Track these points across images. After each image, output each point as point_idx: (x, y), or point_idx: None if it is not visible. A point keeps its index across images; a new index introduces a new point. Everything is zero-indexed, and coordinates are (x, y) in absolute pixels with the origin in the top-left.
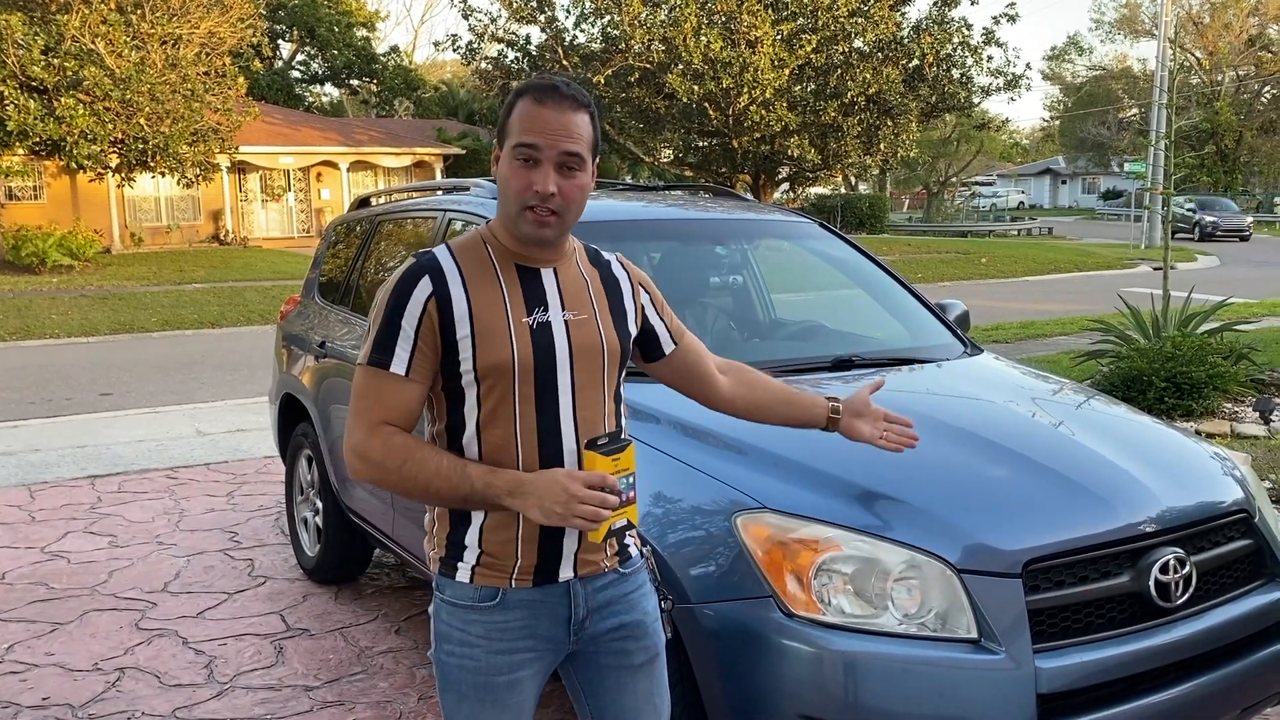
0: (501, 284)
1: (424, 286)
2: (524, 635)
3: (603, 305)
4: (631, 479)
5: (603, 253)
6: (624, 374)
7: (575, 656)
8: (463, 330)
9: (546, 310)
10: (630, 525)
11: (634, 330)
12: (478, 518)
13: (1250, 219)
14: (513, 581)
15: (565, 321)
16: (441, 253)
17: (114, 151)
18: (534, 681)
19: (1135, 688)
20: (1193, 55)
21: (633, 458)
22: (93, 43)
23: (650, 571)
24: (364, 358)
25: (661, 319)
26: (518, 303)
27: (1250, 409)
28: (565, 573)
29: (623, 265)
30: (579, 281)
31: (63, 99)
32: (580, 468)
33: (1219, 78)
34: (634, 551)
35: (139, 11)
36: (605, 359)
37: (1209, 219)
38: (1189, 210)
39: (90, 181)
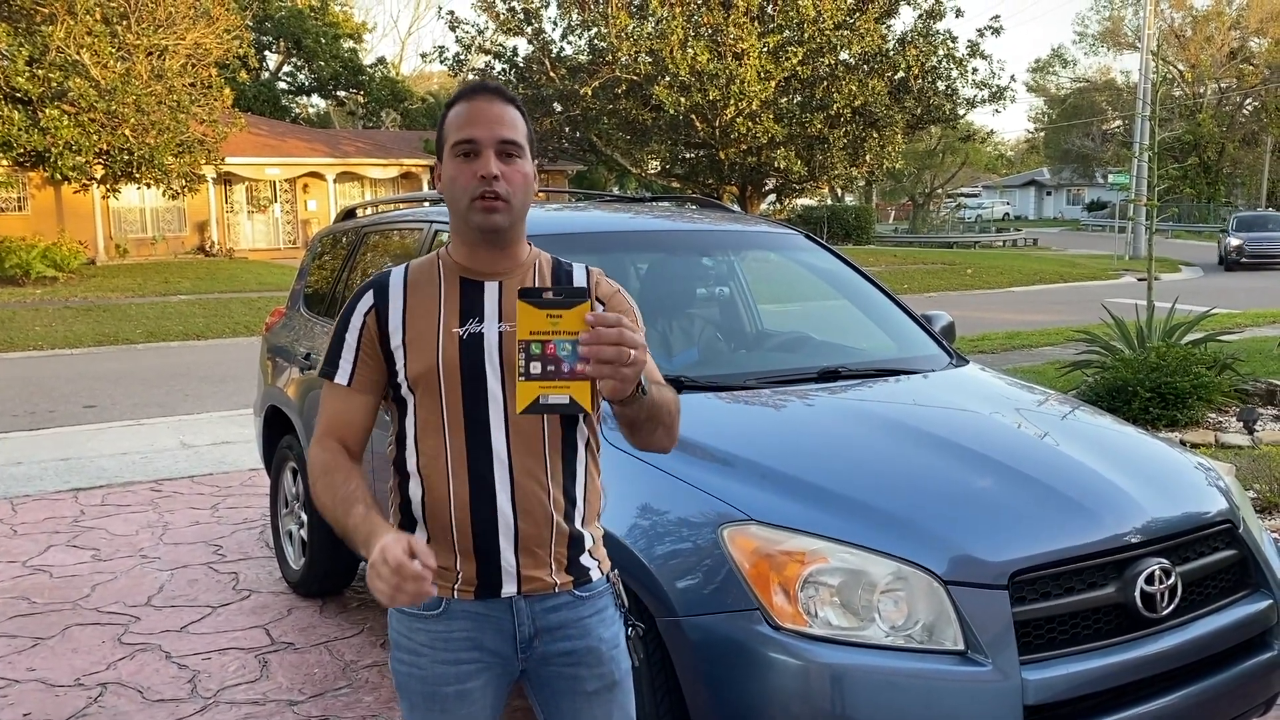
0: (440, 295)
1: (366, 300)
2: (468, 646)
3: None
4: (575, 346)
5: (576, 267)
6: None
7: (530, 675)
8: (396, 340)
9: (481, 321)
10: (574, 405)
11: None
12: (420, 529)
13: None
14: (455, 592)
15: (500, 333)
16: (396, 270)
17: (99, 163)
18: (486, 694)
19: (1122, 699)
20: (1175, 68)
21: (580, 320)
22: (78, 54)
23: (616, 597)
24: (318, 370)
25: None
26: (452, 313)
27: (1234, 419)
28: (508, 588)
29: (589, 279)
30: None
31: (47, 110)
32: (512, 481)
33: (1201, 90)
34: (595, 575)
35: (124, 23)
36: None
37: (1233, 243)
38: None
39: (75, 193)
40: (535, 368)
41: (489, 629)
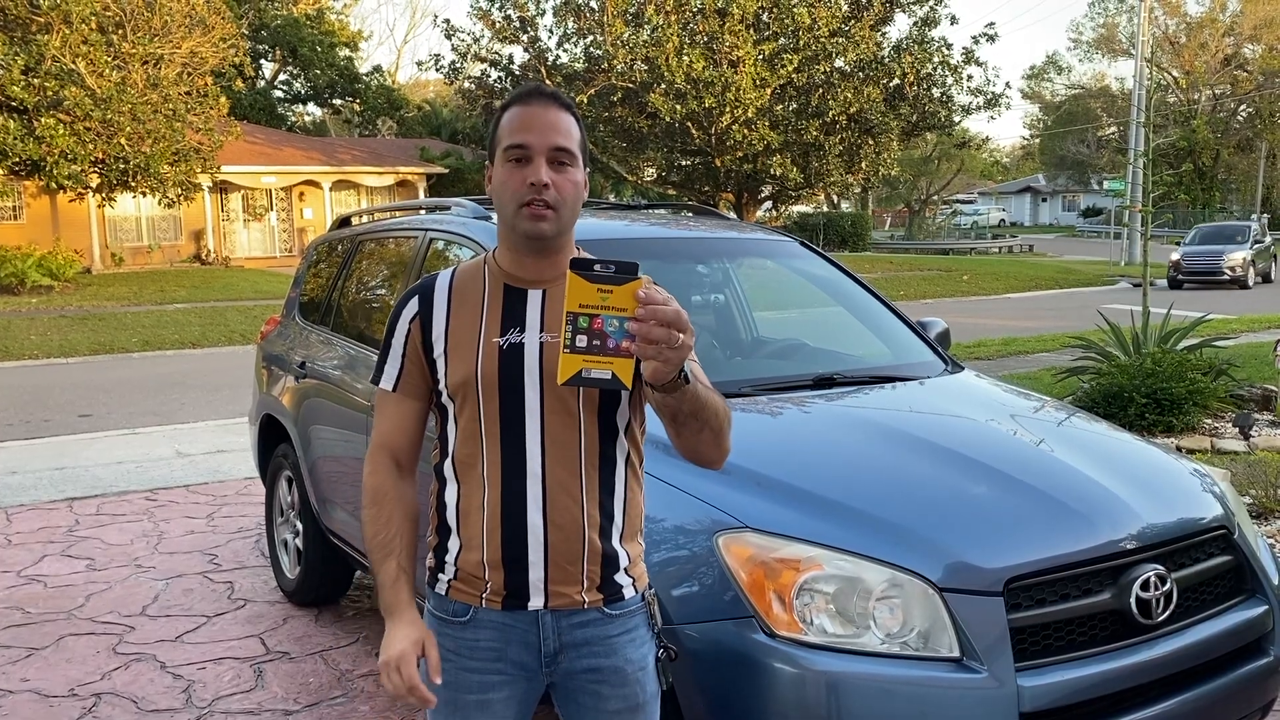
0: (484, 304)
1: (411, 307)
2: (493, 657)
3: None
4: (624, 323)
5: None
6: (624, 401)
7: (556, 688)
8: (439, 348)
9: (522, 331)
10: (616, 380)
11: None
12: (455, 535)
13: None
14: (483, 601)
15: (540, 343)
16: (442, 276)
17: (94, 171)
18: (508, 705)
19: (1117, 705)
20: (1170, 74)
21: (631, 297)
22: (73, 63)
23: (650, 617)
24: (372, 375)
25: None
26: (494, 322)
27: (1230, 424)
28: (535, 601)
29: None
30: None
31: (43, 119)
32: (544, 495)
33: (1196, 96)
34: (629, 594)
35: (120, 31)
36: (582, 392)
37: (1174, 257)
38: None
39: (70, 201)
40: (581, 341)
41: (514, 641)
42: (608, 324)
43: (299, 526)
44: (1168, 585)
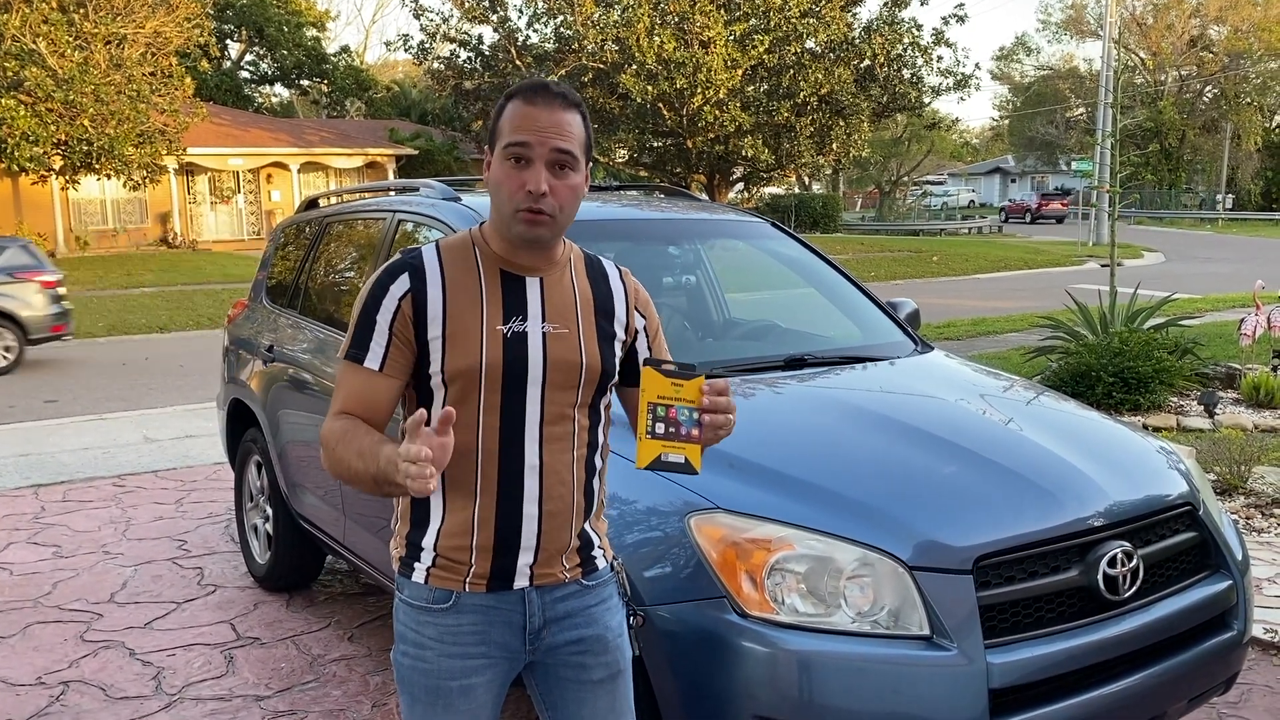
0: (482, 289)
1: (401, 283)
2: (477, 641)
3: (589, 321)
4: (695, 414)
5: (606, 263)
6: (609, 393)
7: (534, 667)
8: (434, 331)
9: (525, 320)
10: (689, 466)
11: (621, 350)
12: (435, 521)
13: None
14: (466, 585)
15: (543, 334)
16: (428, 251)
17: (57, 154)
18: (490, 689)
19: (1086, 680)
20: (1137, 55)
21: (698, 391)
22: (34, 42)
23: (620, 585)
24: (342, 352)
25: (650, 351)
26: (495, 309)
27: (1195, 402)
28: (520, 581)
29: (623, 280)
30: (566, 293)
31: (3, 100)
32: (541, 486)
33: (1162, 78)
34: (601, 564)
35: (81, 10)
36: (583, 377)
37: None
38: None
39: (33, 184)
40: (659, 428)
41: (498, 622)
42: (680, 413)
43: (269, 511)
44: (1134, 562)
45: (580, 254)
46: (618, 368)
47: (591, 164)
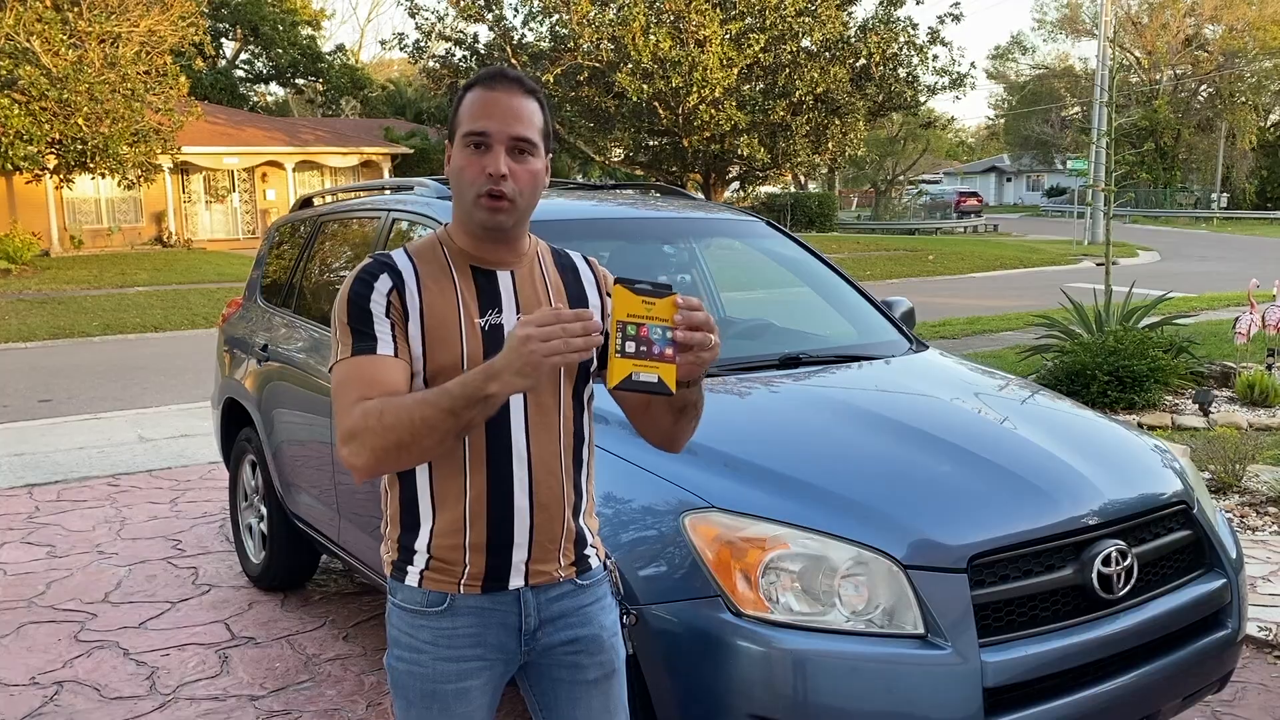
0: (456, 284)
1: (384, 280)
2: (472, 643)
3: None
4: (669, 333)
5: (572, 255)
6: (590, 381)
7: (528, 668)
8: (414, 328)
9: (500, 313)
10: (662, 385)
11: (597, 338)
12: (427, 523)
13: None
14: (461, 587)
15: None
16: (399, 254)
17: (51, 152)
18: (484, 692)
19: (1080, 679)
20: (1132, 54)
21: (671, 308)
22: (28, 41)
23: (613, 585)
24: (344, 354)
25: None
26: (471, 302)
27: (1190, 401)
28: (515, 581)
29: (592, 270)
30: (538, 285)
31: None
32: (531, 478)
33: (1158, 77)
34: (594, 563)
35: (76, 9)
36: (561, 367)
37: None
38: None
39: (27, 183)
40: (630, 347)
41: (493, 624)
42: (653, 332)
43: (264, 511)
44: (1128, 560)
45: (547, 248)
46: (595, 355)
47: (552, 154)
